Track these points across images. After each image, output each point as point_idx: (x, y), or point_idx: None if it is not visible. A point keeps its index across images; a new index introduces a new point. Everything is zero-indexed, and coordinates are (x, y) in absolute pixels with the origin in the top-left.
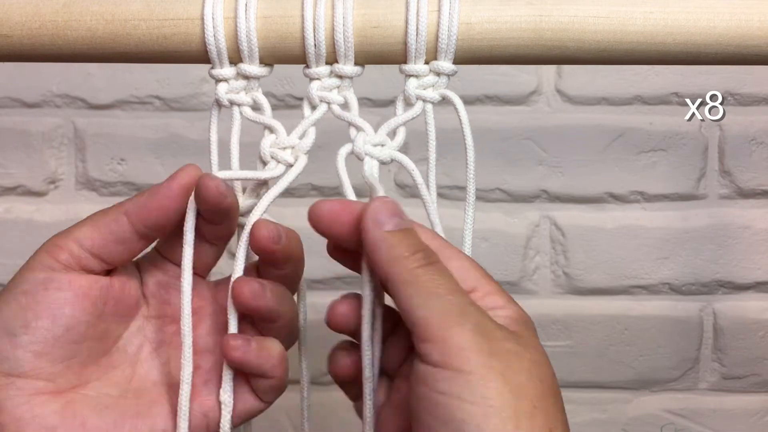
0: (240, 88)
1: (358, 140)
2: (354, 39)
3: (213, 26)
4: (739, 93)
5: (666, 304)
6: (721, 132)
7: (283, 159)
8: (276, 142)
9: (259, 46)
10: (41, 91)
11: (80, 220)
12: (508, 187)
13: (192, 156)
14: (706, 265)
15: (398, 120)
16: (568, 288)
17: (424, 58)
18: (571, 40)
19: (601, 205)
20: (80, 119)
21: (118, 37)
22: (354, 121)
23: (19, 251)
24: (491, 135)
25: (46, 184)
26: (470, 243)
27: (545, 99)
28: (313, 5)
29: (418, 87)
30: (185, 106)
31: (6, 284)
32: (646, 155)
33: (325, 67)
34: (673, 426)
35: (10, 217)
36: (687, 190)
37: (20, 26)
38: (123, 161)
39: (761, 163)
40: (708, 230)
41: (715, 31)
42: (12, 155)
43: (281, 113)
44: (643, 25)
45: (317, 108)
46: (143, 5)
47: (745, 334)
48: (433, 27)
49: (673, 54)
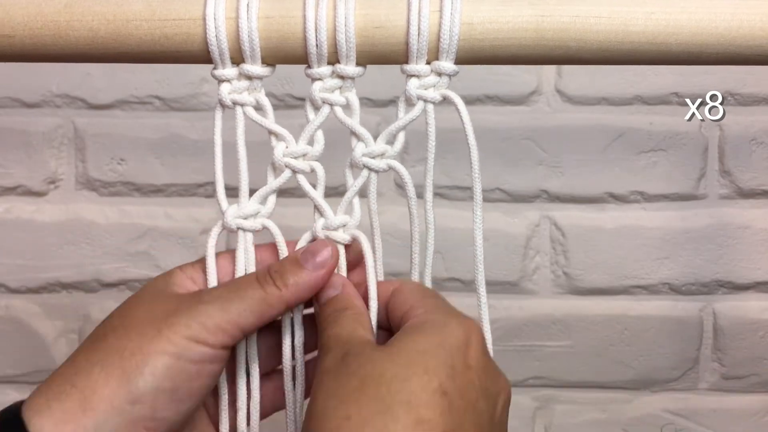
0: (243, 88)
1: (357, 151)
2: (356, 39)
3: (215, 26)
4: (740, 93)
5: (666, 304)
6: (721, 132)
7: (297, 167)
8: (289, 152)
9: (261, 47)
10: (41, 91)
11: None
12: (508, 187)
13: (192, 156)
14: (706, 265)
15: (399, 124)
16: (568, 288)
17: (426, 58)
18: (572, 41)
19: (601, 205)
20: (80, 119)
21: (120, 37)
22: (354, 129)
23: (19, 251)
24: (491, 135)
25: (46, 184)
26: (481, 241)
27: (545, 99)
28: (315, 5)
29: (419, 87)
30: (185, 106)
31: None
32: (646, 155)
33: (327, 67)
34: (673, 426)
35: (10, 217)
36: (687, 190)
37: (22, 26)
38: (123, 161)
39: (761, 163)
40: (708, 230)
41: (716, 31)
42: (12, 155)
43: (281, 113)
44: (645, 26)
45: (320, 110)
46: (145, 5)
47: (745, 334)
48: (435, 27)
49: (675, 54)
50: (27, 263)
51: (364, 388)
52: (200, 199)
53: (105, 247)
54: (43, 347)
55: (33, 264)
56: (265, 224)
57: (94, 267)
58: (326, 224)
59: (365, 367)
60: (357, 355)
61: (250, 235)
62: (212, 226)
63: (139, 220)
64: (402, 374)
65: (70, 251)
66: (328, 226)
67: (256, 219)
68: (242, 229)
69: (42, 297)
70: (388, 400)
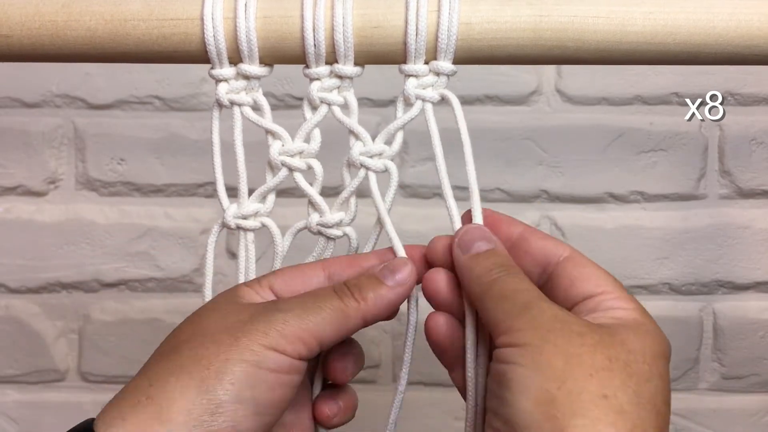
0: (240, 88)
1: (354, 150)
2: (354, 39)
3: (213, 26)
4: (739, 93)
5: (666, 304)
6: (721, 132)
7: (293, 166)
8: (284, 150)
9: (258, 46)
10: (41, 91)
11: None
12: (508, 187)
13: (192, 156)
14: (706, 265)
15: (397, 124)
16: None
17: (424, 58)
18: (570, 40)
19: (601, 205)
20: (80, 119)
21: (118, 37)
22: (353, 128)
23: (19, 251)
24: (491, 135)
25: (46, 184)
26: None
27: (545, 99)
28: (313, 5)
29: (417, 87)
30: (185, 106)
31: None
32: (646, 155)
33: (325, 67)
34: (673, 426)
35: (10, 217)
36: (687, 190)
37: (20, 26)
38: (123, 161)
39: (761, 163)
40: (708, 230)
41: (714, 31)
42: (12, 155)
43: (281, 113)
44: (643, 26)
45: (318, 110)
46: (143, 5)
47: (745, 334)
48: (433, 27)
49: (673, 54)
50: (27, 263)
51: (613, 369)
52: (200, 199)
53: (105, 247)
54: (43, 347)
55: (33, 264)
56: (265, 222)
57: (94, 267)
58: (321, 221)
59: (608, 349)
60: (582, 335)
61: (251, 234)
62: (212, 226)
63: (139, 220)
64: (645, 373)
65: (70, 251)
66: (324, 223)
67: (256, 218)
68: (242, 228)
69: (42, 297)
70: (645, 394)
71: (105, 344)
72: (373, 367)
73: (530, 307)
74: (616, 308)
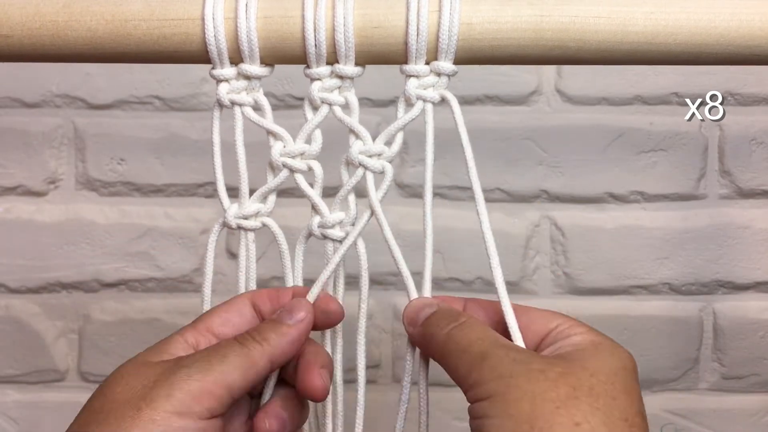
0: (241, 88)
1: (354, 149)
2: (355, 39)
3: (213, 26)
4: (740, 93)
5: (666, 304)
6: (721, 132)
7: (294, 167)
8: (286, 151)
9: (259, 47)
10: (41, 91)
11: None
12: (508, 187)
13: (192, 156)
14: (706, 265)
15: (398, 124)
16: (568, 288)
17: (425, 58)
18: (571, 41)
19: (601, 205)
20: (80, 119)
21: (119, 38)
22: (353, 127)
23: (19, 251)
24: (491, 135)
25: (46, 184)
26: (492, 239)
27: (545, 99)
28: (314, 5)
29: (418, 87)
30: (185, 106)
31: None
32: (646, 155)
33: (326, 67)
34: (673, 426)
35: (10, 217)
36: (687, 190)
37: (20, 26)
38: (123, 161)
39: (761, 163)
40: (708, 230)
41: (715, 31)
42: (12, 155)
43: (281, 113)
44: (644, 26)
45: (319, 110)
46: (143, 5)
47: (745, 334)
48: (434, 27)
49: (674, 54)
50: (27, 263)
51: (579, 396)
52: (200, 199)
53: (105, 247)
54: (43, 347)
55: (33, 264)
56: (265, 222)
57: (94, 267)
58: (322, 222)
59: (570, 378)
60: (543, 371)
61: (252, 234)
62: (212, 226)
63: (139, 220)
64: (610, 392)
65: (70, 251)
66: (324, 224)
67: (257, 218)
68: (243, 228)
69: (42, 297)
70: (615, 412)
71: (105, 344)
72: (373, 367)
73: (488, 357)
74: (573, 335)
